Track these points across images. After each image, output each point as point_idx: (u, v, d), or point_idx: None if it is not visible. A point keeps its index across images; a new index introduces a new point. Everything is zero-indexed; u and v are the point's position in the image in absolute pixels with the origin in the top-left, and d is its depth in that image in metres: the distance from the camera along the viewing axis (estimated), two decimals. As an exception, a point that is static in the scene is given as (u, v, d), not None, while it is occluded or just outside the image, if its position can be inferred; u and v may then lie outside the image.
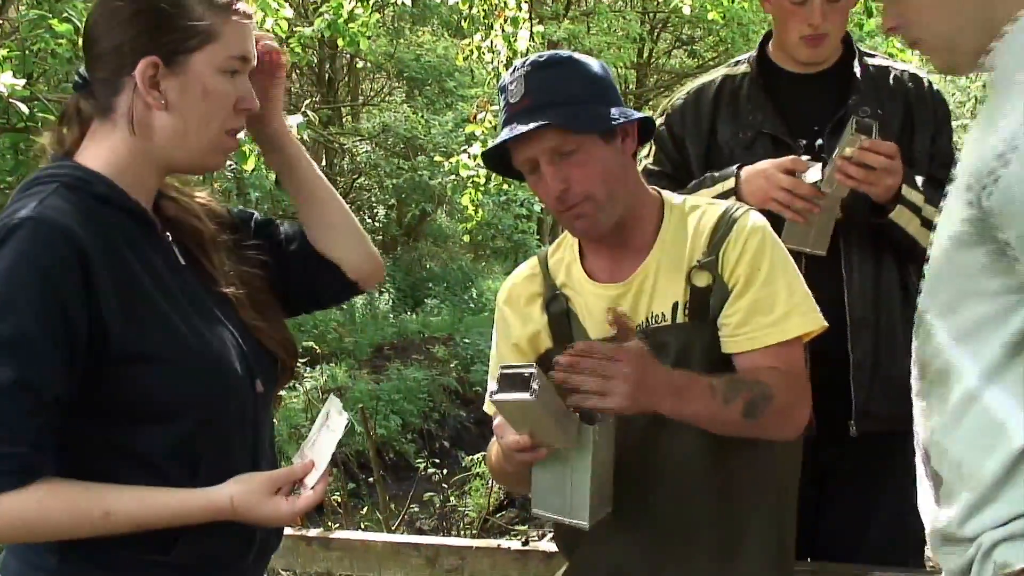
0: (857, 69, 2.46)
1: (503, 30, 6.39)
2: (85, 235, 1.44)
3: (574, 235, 1.97)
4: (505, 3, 6.33)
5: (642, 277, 1.89)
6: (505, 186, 7.18)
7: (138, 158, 1.56)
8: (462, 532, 6.85)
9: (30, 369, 1.39)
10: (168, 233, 1.63)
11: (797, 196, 2.24)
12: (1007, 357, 1.36)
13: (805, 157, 2.32)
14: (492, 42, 6.47)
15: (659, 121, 2.49)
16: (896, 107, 2.44)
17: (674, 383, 1.70)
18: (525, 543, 2.57)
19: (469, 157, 6.65)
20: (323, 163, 17.49)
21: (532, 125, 1.76)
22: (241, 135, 1.66)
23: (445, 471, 8.13)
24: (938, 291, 1.46)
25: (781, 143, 2.42)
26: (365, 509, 6.44)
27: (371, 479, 6.05)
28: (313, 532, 2.79)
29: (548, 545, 2.43)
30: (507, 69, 6.39)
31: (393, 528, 5.03)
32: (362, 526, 5.51)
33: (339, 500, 5.19)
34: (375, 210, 19.39)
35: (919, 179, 2.28)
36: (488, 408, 1.84)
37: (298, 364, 1.82)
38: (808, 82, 2.49)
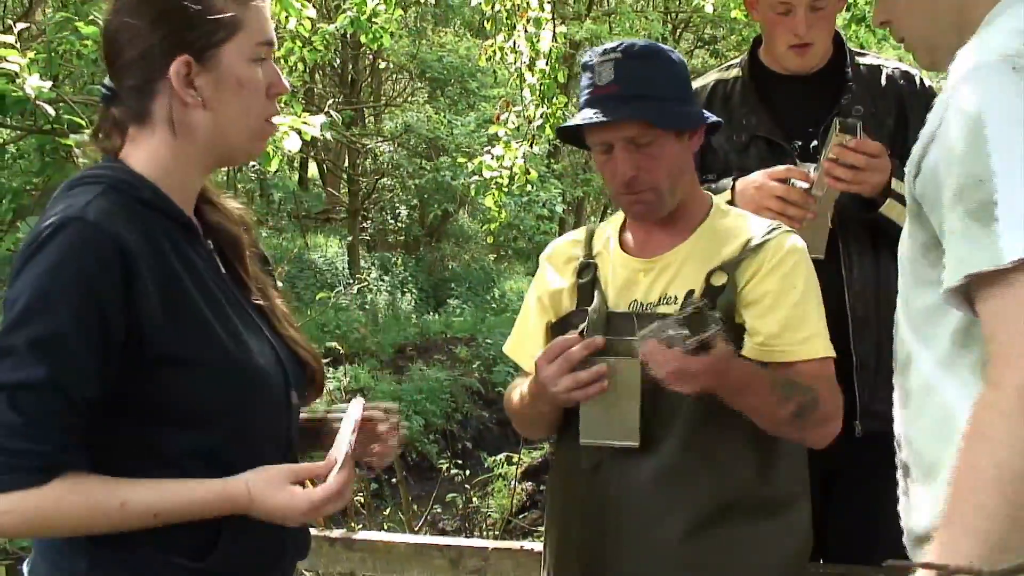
0: (848, 69, 2.47)
1: (526, 30, 6.38)
2: (130, 238, 1.44)
3: (629, 217, 2.05)
4: (528, 3, 6.32)
5: (668, 260, 1.96)
6: (528, 187, 7.16)
7: (181, 159, 1.56)
8: (485, 533, 6.85)
9: (63, 370, 1.39)
10: (209, 240, 1.63)
11: (789, 203, 2.26)
12: (956, 347, 1.37)
13: (797, 162, 2.34)
14: (515, 42, 6.45)
15: None
16: (889, 105, 2.46)
17: (740, 380, 1.79)
18: (548, 545, 2.56)
19: (492, 158, 6.64)
20: (346, 164, 17.56)
21: (621, 116, 1.85)
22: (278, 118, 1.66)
23: (467, 472, 8.13)
24: (901, 281, 1.50)
25: (776, 145, 2.44)
26: (388, 510, 6.43)
27: (394, 480, 6.05)
28: (336, 533, 2.79)
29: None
30: (529, 70, 6.38)
31: (416, 529, 5.03)
32: (385, 527, 5.51)
33: (362, 501, 5.19)
34: (397, 210, 19.42)
35: None
36: (512, 352, 2.13)
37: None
38: (800, 84, 2.50)
